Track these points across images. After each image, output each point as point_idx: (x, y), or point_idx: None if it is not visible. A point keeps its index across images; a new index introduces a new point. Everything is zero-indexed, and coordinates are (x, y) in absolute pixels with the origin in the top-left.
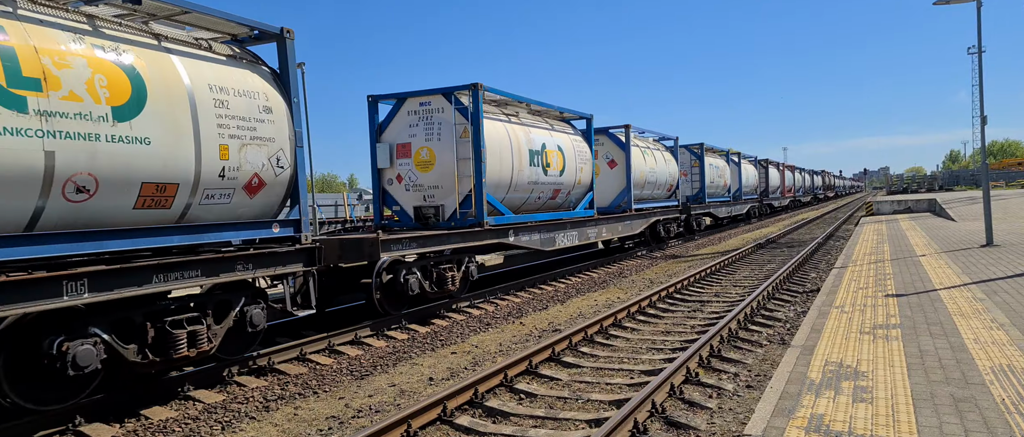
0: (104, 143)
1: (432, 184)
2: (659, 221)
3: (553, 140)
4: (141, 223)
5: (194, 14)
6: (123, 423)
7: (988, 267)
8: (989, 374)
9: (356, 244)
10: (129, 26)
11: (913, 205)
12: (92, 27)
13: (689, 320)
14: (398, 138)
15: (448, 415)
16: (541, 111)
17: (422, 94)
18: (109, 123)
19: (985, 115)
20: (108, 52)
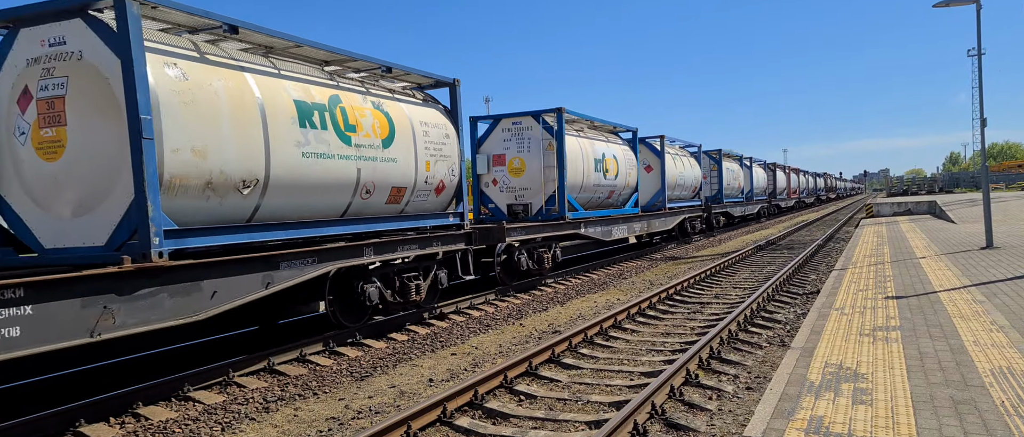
0: (379, 163)
1: (522, 187)
2: (686, 218)
3: (610, 150)
4: (386, 214)
5: (413, 75)
6: (123, 424)
7: (988, 269)
8: (989, 376)
9: (489, 231)
10: (377, 85)
11: (913, 207)
12: (365, 90)
13: (689, 322)
14: (494, 150)
15: (448, 416)
16: (598, 126)
17: (515, 116)
18: (380, 150)
19: (985, 117)
20: (377, 106)
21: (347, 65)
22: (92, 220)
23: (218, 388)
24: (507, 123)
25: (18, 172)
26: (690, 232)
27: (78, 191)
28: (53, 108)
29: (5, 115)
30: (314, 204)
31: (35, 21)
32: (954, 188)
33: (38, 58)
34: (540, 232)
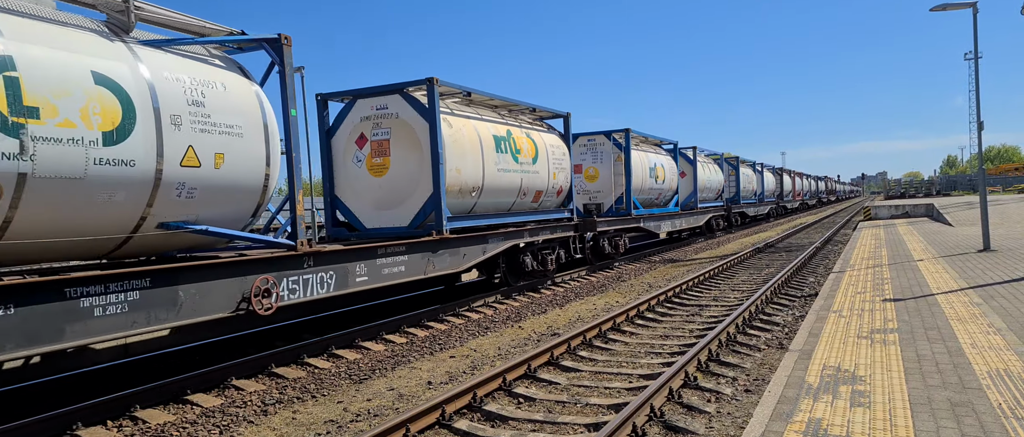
0: (530, 174)
1: (595, 190)
2: (712, 216)
3: (659, 160)
4: (530, 209)
5: (541, 110)
6: (120, 427)
7: (985, 272)
8: (986, 379)
9: (586, 223)
10: (527, 119)
11: (911, 210)
12: (518, 123)
13: (687, 324)
14: (574, 161)
15: (447, 419)
16: (649, 140)
17: (590, 134)
18: (531, 166)
19: (982, 121)
20: (528, 135)
21: (510, 109)
22: (399, 212)
23: (216, 391)
24: (583, 140)
25: (353, 185)
26: (714, 228)
27: (393, 195)
28: (381, 146)
29: (345, 150)
30: (499, 203)
31: (368, 95)
32: (951, 191)
33: (369, 116)
34: (614, 225)
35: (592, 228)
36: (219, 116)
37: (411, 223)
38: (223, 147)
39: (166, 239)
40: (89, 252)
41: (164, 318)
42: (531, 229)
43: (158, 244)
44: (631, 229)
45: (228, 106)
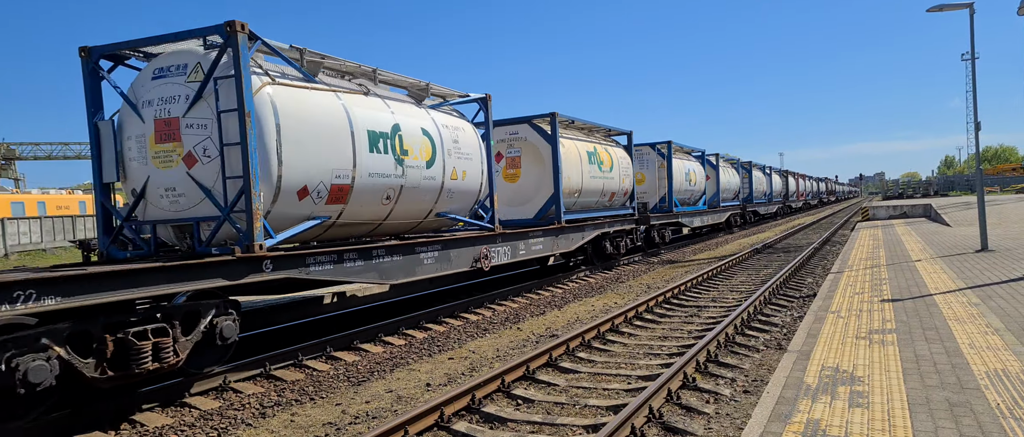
0: (608, 180)
1: (643, 191)
2: (731, 214)
3: (692, 166)
4: (606, 206)
5: (605, 128)
6: (119, 430)
7: (983, 272)
8: (984, 379)
9: (644, 218)
10: (596, 134)
11: (909, 210)
12: (598, 140)
13: (686, 325)
14: None
15: (446, 421)
16: (684, 149)
17: (638, 145)
18: (609, 173)
19: (979, 121)
20: (606, 149)
21: (591, 129)
22: (525, 208)
23: (214, 394)
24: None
25: None
26: (732, 225)
27: (521, 196)
28: (514, 161)
29: None
30: (590, 202)
31: (503, 124)
32: (949, 191)
33: (504, 139)
34: (661, 220)
35: (647, 222)
36: (463, 148)
37: (534, 216)
38: (464, 167)
39: (436, 222)
40: (403, 229)
41: (444, 268)
42: (609, 222)
43: (431, 225)
44: (672, 223)
45: (466, 142)
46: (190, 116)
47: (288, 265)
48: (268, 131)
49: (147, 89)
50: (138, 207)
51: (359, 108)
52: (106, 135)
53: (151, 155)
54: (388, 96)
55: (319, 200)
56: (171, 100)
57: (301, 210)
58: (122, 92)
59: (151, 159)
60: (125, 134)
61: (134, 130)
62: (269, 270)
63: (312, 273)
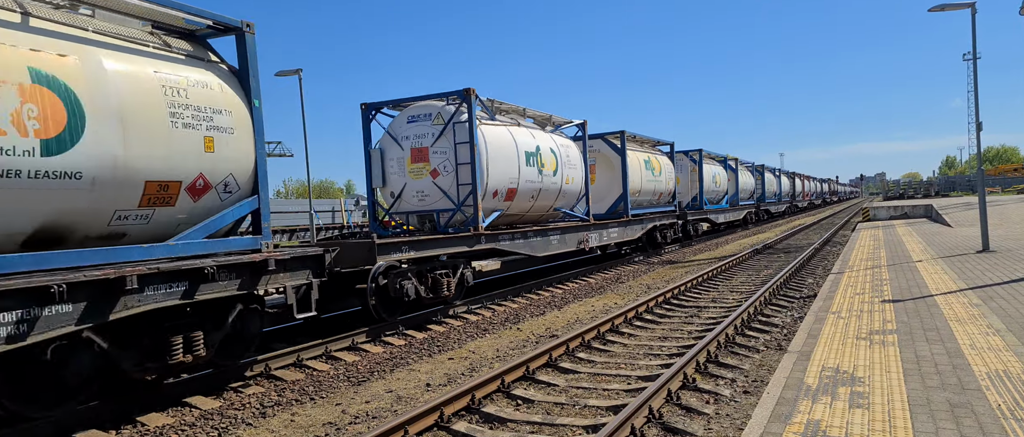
0: (658, 183)
1: (679, 192)
2: (747, 212)
3: (717, 170)
4: (657, 204)
5: (658, 144)
6: (119, 430)
7: (984, 273)
8: (985, 380)
9: (683, 213)
10: (645, 145)
11: (909, 211)
12: (648, 150)
13: (686, 326)
14: None
15: (445, 421)
16: (711, 155)
17: (677, 152)
18: (660, 176)
19: (980, 121)
20: (657, 157)
21: (641, 142)
22: (599, 205)
23: (215, 394)
24: None
25: None
26: (749, 221)
27: (597, 195)
28: (591, 168)
29: None
30: (644, 200)
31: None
32: (950, 192)
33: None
34: (695, 215)
35: (685, 217)
36: (572, 160)
37: (606, 212)
38: (571, 174)
39: (554, 214)
40: (536, 219)
41: (562, 247)
42: (658, 217)
43: (552, 216)
44: (703, 218)
45: (573, 156)
46: (435, 146)
47: (491, 240)
48: (482, 155)
49: (404, 129)
50: (396, 204)
51: (519, 136)
52: (375, 158)
53: (408, 170)
54: (530, 126)
55: (499, 198)
56: (422, 136)
57: (492, 205)
58: (388, 130)
59: (407, 173)
60: (387, 157)
61: (395, 154)
62: (483, 243)
63: (501, 245)
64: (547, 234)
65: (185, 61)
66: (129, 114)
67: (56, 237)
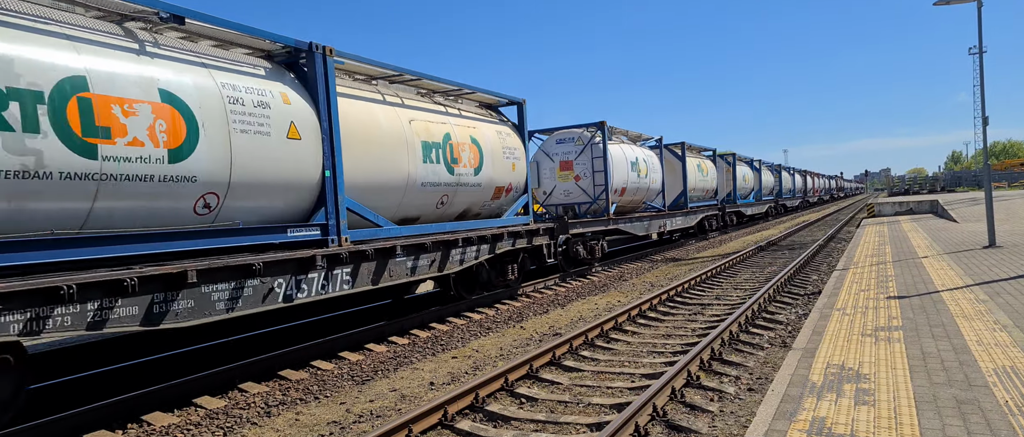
0: (705, 182)
1: (718, 188)
2: (769, 206)
3: (745, 170)
4: (703, 200)
5: (699, 147)
6: (125, 429)
7: (991, 268)
8: (992, 376)
9: (722, 207)
10: (693, 148)
11: (915, 206)
12: (696, 154)
13: (690, 323)
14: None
15: (449, 419)
16: (741, 157)
17: (719, 157)
18: (706, 176)
19: (986, 116)
20: (702, 162)
21: (691, 147)
22: (662, 200)
23: (220, 393)
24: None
25: None
26: (768, 214)
27: (668, 193)
28: None
29: None
30: (695, 196)
31: (639, 144)
32: (956, 187)
33: (639, 158)
34: (731, 209)
35: (723, 210)
36: (653, 166)
37: (671, 204)
38: (654, 177)
39: (641, 205)
40: (633, 210)
41: (651, 230)
42: (706, 209)
43: (639, 207)
44: (736, 211)
45: (654, 162)
46: (578, 160)
47: (614, 222)
48: (609, 165)
49: (553, 147)
50: (547, 198)
51: (626, 151)
52: (532, 168)
53: (557, 176)
54: (627, 142)
55: (616, 194)
56: (568, 152)
57: (612, 199)
58: (541, 148)
59: (557, 178)
60: (541, 167)
61: (548, 165)
62: (611, 224)
63: (620, 226)
64: (642, 220)
65: (499, 122)
66: (493, 152)
67: (463, 215)
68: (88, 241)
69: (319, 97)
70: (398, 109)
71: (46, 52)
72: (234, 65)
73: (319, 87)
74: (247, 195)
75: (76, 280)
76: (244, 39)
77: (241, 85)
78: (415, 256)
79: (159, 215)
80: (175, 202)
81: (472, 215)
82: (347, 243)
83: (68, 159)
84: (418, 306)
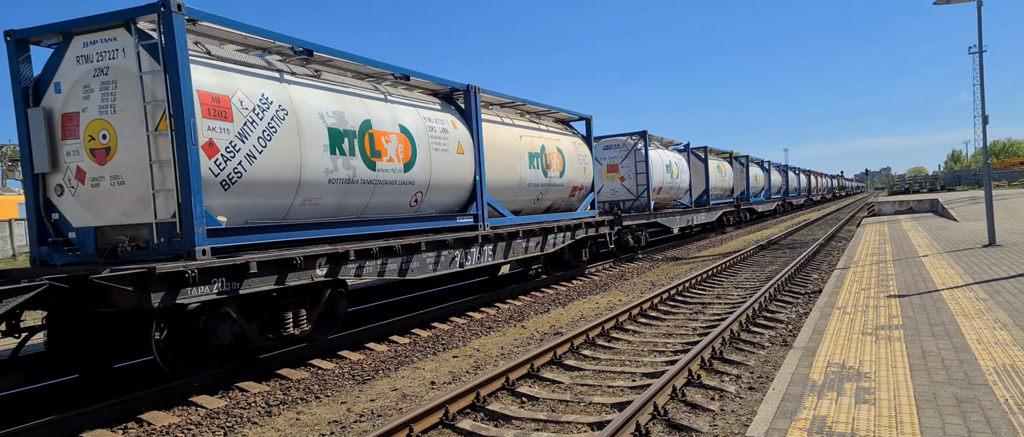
0: (723, 181)
1: (734, 187)
2: (777, 204)
3: (757, 171)
4: (722, 197)
5: (721, 150)
6: (125, 429)
7: (991, 267)
8: (992, 374)
9: (738, 205)
10: (712, 151)
11: (915, 205)
12: (718, 156)
13: (691, 322)
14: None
15: (450, 419)
16: (752, 159)
17: (735, 159)
18: (725, 177)
19: (986, 115)
20: (722, 164)
21: (711, 150)
22: (689, 197)
23: (220, 393)
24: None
25: None
26: (778, 211)
27: (689, 191)
28: None
29: None
30: (716, 194)
31: (665, 145)
32: (956, 186)
33: (671, 161)
34: (745, 206)
35: (739, 207)
36: (682, 167)
37: (695, 201)
38: (684, 177)
39: (672, 202)
40: (665, 206)
41: (682, 223)
42: (725, 206)
43: (671, 204)
44: (750, 208)
45: (682, 164)
46: (623, 163)
47: (654, 216)
48: (650, 167)
49: (601, 153)
50: (597, 196)
51: (662, 155)
52: None
53: (605, 177)
54: (660, 147)
55: (654, 193)
56: (615, 157)
57: (652, 196)
58: (592, 154)
59: (604, 179)
60: (595, 171)
61: (596, 168)
62: (652, 218)
63: (658, 219)
64: (674, 215)
65: (574, 134)
66: (571, 159)
67: (550, 209)
68: (366, 222)
69: (471, 123)
70: (511, 128)
71: (354, 107)
72: (425, 104)
73: (471, 115)
74: (436, 193)
75: (378, 245)
76: (426, 84)
77: (433, 117)
78: (527, 239)
79: (394, 207)
80: (403, 198)
81: (555, 209)
82: (488, 228)
83: (365, 172)
84: (504, 282)
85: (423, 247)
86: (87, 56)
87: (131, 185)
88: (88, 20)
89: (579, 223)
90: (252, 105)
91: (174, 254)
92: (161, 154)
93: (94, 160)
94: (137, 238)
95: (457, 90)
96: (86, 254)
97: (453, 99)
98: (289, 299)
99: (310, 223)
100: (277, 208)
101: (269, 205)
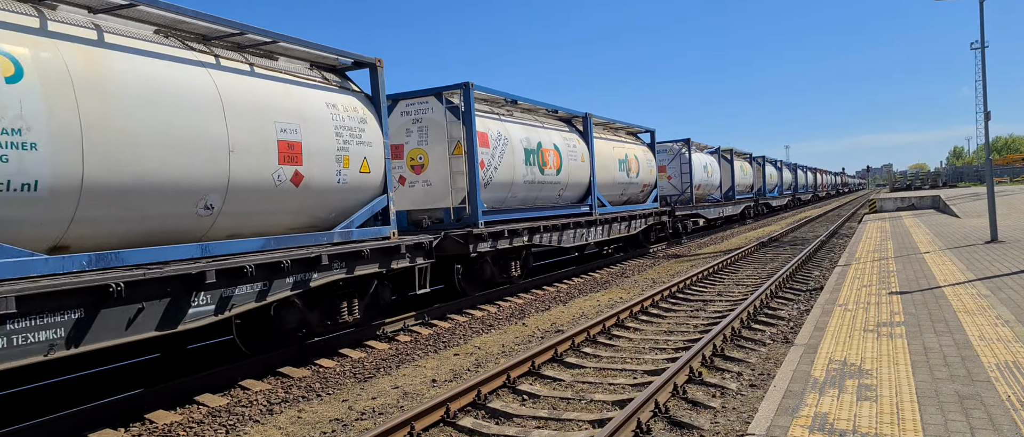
0: (745, 178)
1: (751, 184)
2: (788, 199)
3: (770, 170)
4: (744, 193)
5: (711, 146)
6: (128, 427)
7: (993, 263)
8: (994, 371)
9: (757, 199)
10: (731, 153)
11: (917, 202)
12: (735, 157)
13: (692, 319)
14: (698, 170)
15: (451, 416)
16: (769, 159)
17: (755, 159)
18: (747, 177)
19: (988, 111)
20: (745, 164)
21: (730, 150)
22: (719, 193)
23: (222, 391)
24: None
25: None
26: (789, 206)
27: (719, 187)
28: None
29: None
30: (739, 189)
31: (698, 149)
32: (958, 182)
33: (707, 163)
34: (762, 200)
35: (758, 201)
36: (714, 167)
37: (723, 196)
38: (715, 175)
39: (707, 196)
40: (706, 200)
41: (716, 214)
42: (747, 201)
43: (707, 198)
44: (766, 203)
45: (714, 164)
46: (669, 165)
47: (697, 208)
48: (693, 168)
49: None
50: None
51: (701, 157)
52: None
53: None
54: (697, 151)
55: (696, 188)
56: (663, 160)
57: (694, 192)
58: None
59: None
60: None
61: None
62: (695, 209)
63: (700, 211)
64: (709, 207)
65: (643, 144)
66: (642, 164)
67: (626, 202)
68: (534, 209)
69: (587, 139)
70: (606, 141)
71: (532, 133)
72: (555, 126)
73: (588, 134)
74: (570, 190)
75: (548, 223)
76: (562, 114)
77: (568, 137)
78: (620, 223)
79: (549, 199)
80: (553, 193)
81: (631, 202)
82: (598, 214)
83: (539, 176)
84: (589, 259)
85: (570, 225)
86: (407, 112)
87: (436, 185)
88: (411, 93)
89: (649, 213)
90: (494, 137)
91: (464, 226)
92: (454, 167)
93: (413, 172)
94: (432, 217)
95: (577, 117)
96: (402, 227)
97: (572, 123)
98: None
99: (512, 209)
100: (501, 200)
101: (499, 197)
